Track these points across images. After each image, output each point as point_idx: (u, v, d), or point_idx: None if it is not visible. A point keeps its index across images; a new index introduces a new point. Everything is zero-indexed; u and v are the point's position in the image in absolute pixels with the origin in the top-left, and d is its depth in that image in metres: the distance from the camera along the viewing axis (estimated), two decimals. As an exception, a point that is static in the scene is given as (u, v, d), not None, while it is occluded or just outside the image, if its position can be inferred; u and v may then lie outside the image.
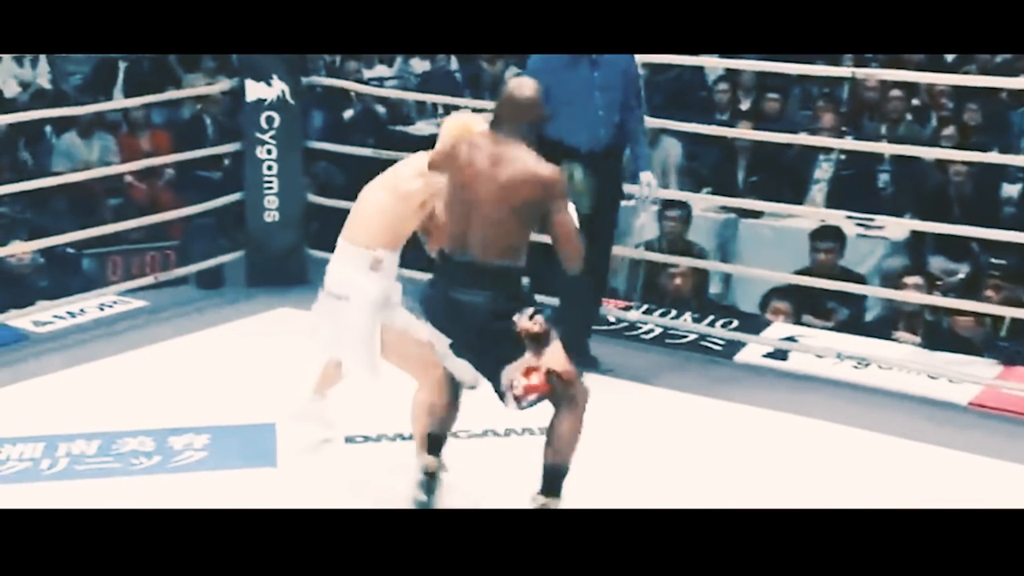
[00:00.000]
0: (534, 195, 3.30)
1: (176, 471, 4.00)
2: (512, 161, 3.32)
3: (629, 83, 4.77)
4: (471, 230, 3.33)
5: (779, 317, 5.66)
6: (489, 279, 3.33)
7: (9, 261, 5.93)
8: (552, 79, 4.62)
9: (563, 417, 3.44)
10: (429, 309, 3.47)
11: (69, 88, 9.05)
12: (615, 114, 4.73)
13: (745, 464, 4.13)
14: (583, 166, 3.74)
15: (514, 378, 3.33)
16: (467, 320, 3.36)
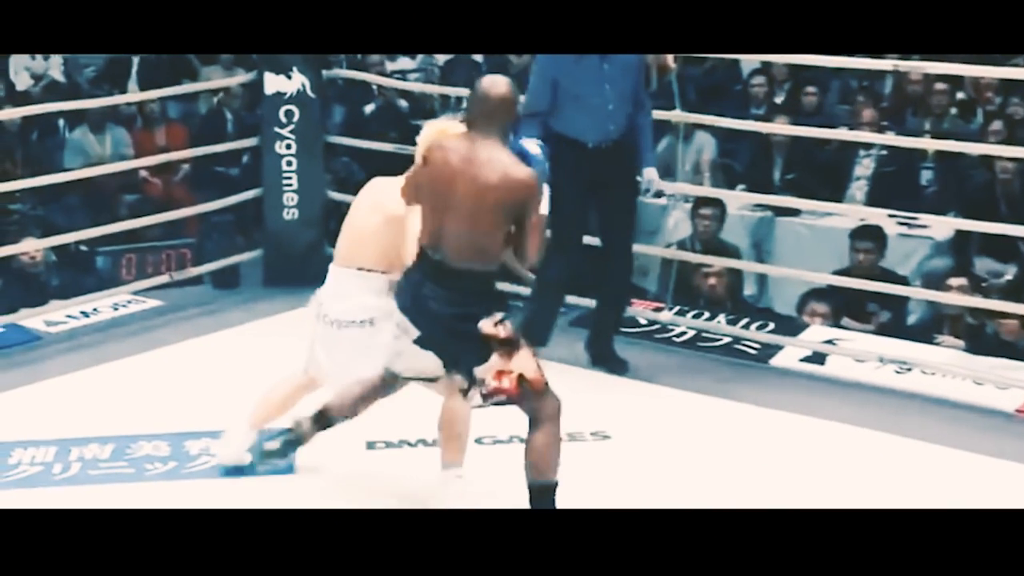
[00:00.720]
0: (509, 197, 3.37)
1: (192, 477, 4.01)
2: (487, 163, 3.37)
3: (639, 75, 4.76)
4: (445, 230, 3.40)
5: (816, 320, 5.63)
6: (457, 280, 3.40)
7: (21, 259, 5.97)
8: (560, 73, 4.64)
9: (537, 432, 3.49)
10: (402, 300, 3.53)
11: (83, 81, 9.09)
12: (625, 108, 4.73)
13: (781, 472, 4.10)
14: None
15: (485, 376, 3.42)
16: (433, 316, 3.44)
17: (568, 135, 4.70)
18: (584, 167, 4.72)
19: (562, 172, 4.67)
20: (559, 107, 4.68)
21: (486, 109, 3.44)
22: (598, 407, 4.60)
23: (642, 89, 4.81)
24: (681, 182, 6.28)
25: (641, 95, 4.80)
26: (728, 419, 4.58)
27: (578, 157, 4.70)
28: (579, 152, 4.70)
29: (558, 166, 4.64)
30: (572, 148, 4.70)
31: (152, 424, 4.34)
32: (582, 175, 4.73)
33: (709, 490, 3.91)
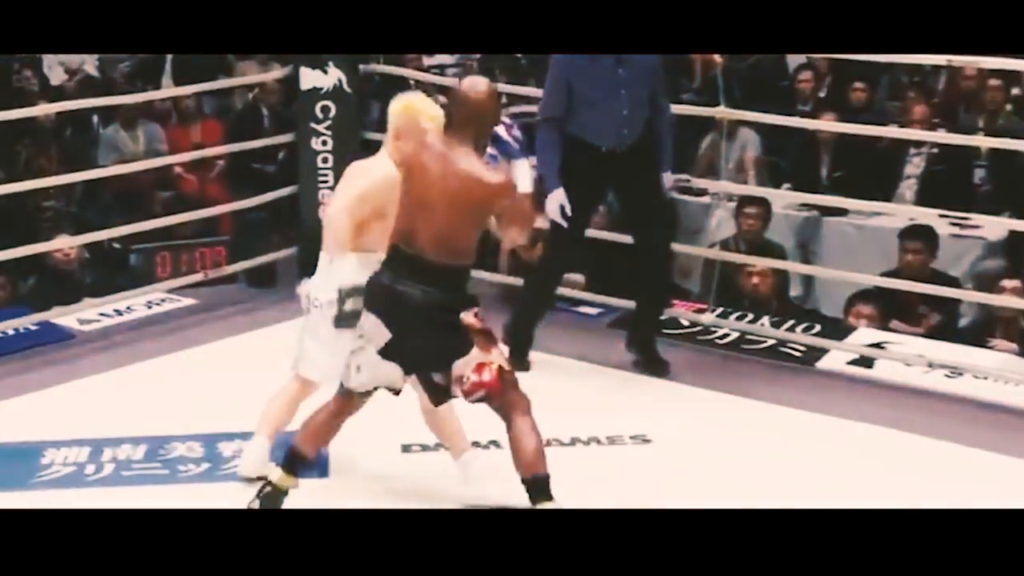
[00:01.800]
0: (483, 201, 3.48)
1: (226, 479, 4.03)
2: (462, 167, 3.46)
3: (657, 79, 4.76)
4: (421, 228, 3.48)
5: (863, 322, 5.59)
6: (436, 276, 3.48)
7: (55, 257, 6.03)
8: (575, 77, 4.66)
9: (518, 429, 3.54)
10: (372, 299, 3.57)
11: (117, 76, 9.17)
12: (641, 112, 4.73)
13: (826, 477, 4.08)
14: None
15: (464, 373, 3.49)
16: (411, 313, 3.49)
17: (582, 138, 4.73)
18: (597, 171, 4.76)
19: (573, 174, 4.73)
20: (574, 111, 4.70)
21: (465, 111, 3.52)
22: (638, 410, 4.60)
23: (660, 92, 4.81)
24: (725, 180, 6.26)
25: (659, 98, 4.81)
26: (772, 423, 4.56)
27: (591, 160, 4.73)
28: (592, 155, 4.73)
29: (570, 168, 4.71)
30: (585, 151, 4.74)
31: (186, 425, 4.37)
32: (594, 178, 4.78)
33: (751, 496, 3.88)
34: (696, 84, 8.33)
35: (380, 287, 3.55)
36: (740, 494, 3.90)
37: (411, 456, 4.19)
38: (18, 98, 7.74)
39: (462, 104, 3.53)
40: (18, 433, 4.36)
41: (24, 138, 7.49)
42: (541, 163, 4.73)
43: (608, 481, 4.04)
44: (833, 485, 4.02)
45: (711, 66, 7.81)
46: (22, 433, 4.36)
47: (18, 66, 8.60)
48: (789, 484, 4.04)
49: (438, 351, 3.53)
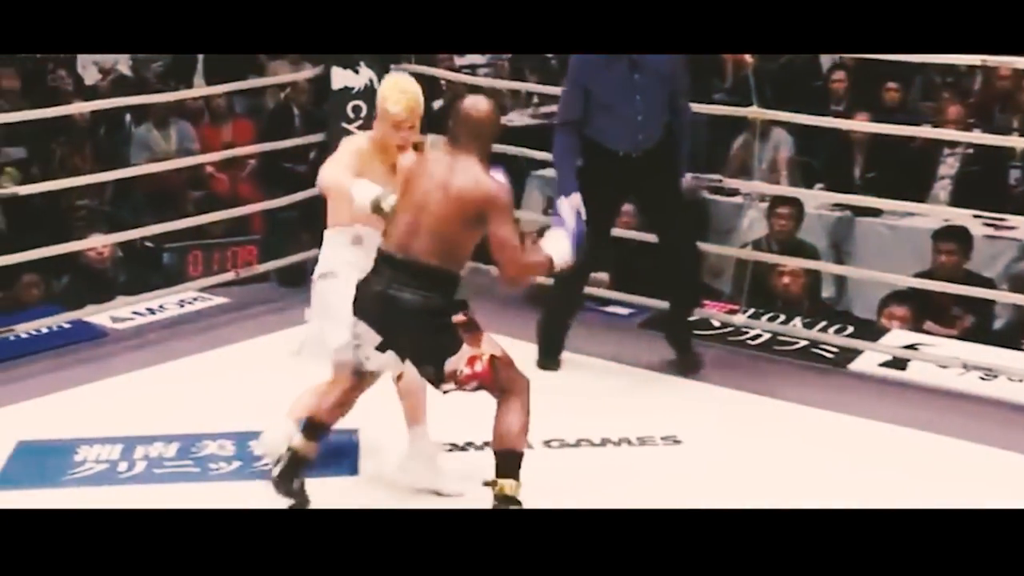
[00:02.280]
0: (478, 208, 3.56)
1: (256, 477, 4.04)
2: (463, 175, 3.57)
3: (676, 84, 4.75)
4: (419, 234, 3.57)
5: (896, 323, 5.56)
6: (434, 281, 3.57)
7: (88, 255, 6.07)
8: (591, 80, 4.67)
9: (507, 408, 3.61)
10: (363, 305, 3.63)
11: (150, 75, 9.23)
12: (657, 117, 4.72)
13: (858, 480, 4.06)
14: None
15: (458, 368, 3.57)
16: (405, 317, 3.57)
17: (599, 143, 4.74)
18: (616, 174, 4.77)
19: (593, 178, 4.74)
20: (590, 115, 4.71)
21: (467, 128, 3.64)
22: (669, 411, 4.59)
23: (680, 95, 4.80)
24: (757, 180, 6.24)
25: (678, 100, 4.79)
26: (804, 425, 4.55)
27: (608, 164, 4.74)
28: (610, 159, 4.74)
29: (588, 171, 4.73)
30: (603, 155, 4.75)
31: (217, 423, 4.39)
32: (614, 182, 4.79)
33: (782, 497, 3.87)
34: (728, 84, 8.32)
35: (371, 294, 3.62)
36: (771, 495, 3.88)
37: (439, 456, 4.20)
38: (52, 98, 7.81)
39: (463, 122, 3.65)
40: (52, 430, 4.39)
41: (59, 137, 7.56)
42: (557, 166, 4.79)
43: (639, 482, 4.03)
44: (866, 488, 4.00)
45: (743, 66, 7.80)
46: (56, 430, 4.39)
47: (52, 66, 8.67)
48: (821, 486, 4.02)
49: (430, 351, 3.61)
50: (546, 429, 4.36)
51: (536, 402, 4.60)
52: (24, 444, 4.27)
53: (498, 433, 3.61)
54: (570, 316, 5.04)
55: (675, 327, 5.06)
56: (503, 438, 3.59)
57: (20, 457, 4.19)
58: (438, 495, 3.90)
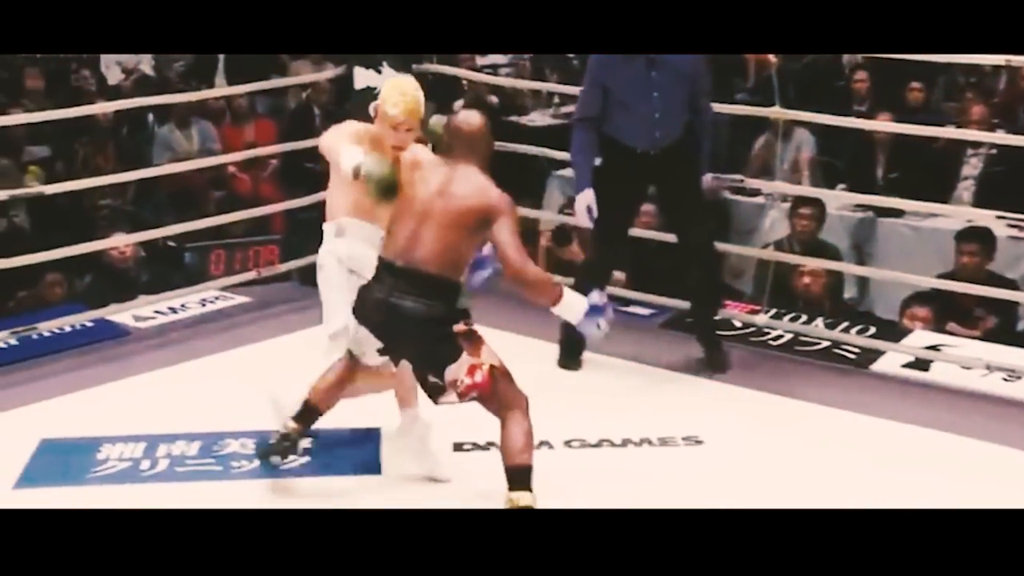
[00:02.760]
0: (481, 215, 3.62)
1: (278, 476, 4.06)
2: (463, 183, 3.65)
3: (696, 83, 4.74)
4: (420, 242, 3.63)
5: (918, 324, 5.54)
6: (436, 289, 3.63)
7: (111, 255, 6.11)
8: (609, 77, 4.68)
9: (511, 424, 3.62)
10: (364, 312, 3.71)
11: (172, 75, 9.28)
12: (676, 116, 4.72)
13: (881, 481, 4.05)
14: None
15: (458, 377, 3.60)
16: (408, 325, 3.63)
17: (617, 139, 4.75)
18: (633, 172, 4.78)
19: (612, 175, 4.76)
20: (608, 112, 4.72)
21: (460, 142, 3.73)
22: (690, 411, 4.59)
23: (701, 94, 4.80)
24: (779, 180, 6.23)
25: (699, 100, 4.79)
26: (826, 426, 4.54)
27: (627, 162, 4.75)
28: (628, 157, 4.75)
29: (607, 169, 4.75)
30: (621, 153, 4.76)
31: (239, 421, 4.40)
32: (631, 179, 4.81)
33: (804, 498, 3.86)
34: (750, 84, 8.31)
35: (373, 301, 3.67)
36: (793, 496, 3.87)
37: (463, 455, 4.21)
38: (76, 97, 7.86)
39: (456, 136, 3.74)
40: (75, 428, 4.42)
41: (82, 137, 7.61)
42: (573, 162, 4.83)
43: (660, 482, 4.03)
44: (888, 489, 3.99)
45: (765, 66, 7.79)
46: (79, 428, 4.41)
47: (76, 66, 8.73)
48: (843, 487, 4.01)
49: (430, 359, 3.66)
50: (567, 429, 4.37)
51: (557, 402, 4.64)
52: (48, 442, 4.30)
53: (506, 449, 3.62)
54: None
55: (702, 326, 5.06)
56: (511, 454, 3.61)
57: (44, 455, 4.22)
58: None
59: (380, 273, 3.70)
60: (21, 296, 6.07)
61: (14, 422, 4.51)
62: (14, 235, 6.48)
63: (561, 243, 5.93)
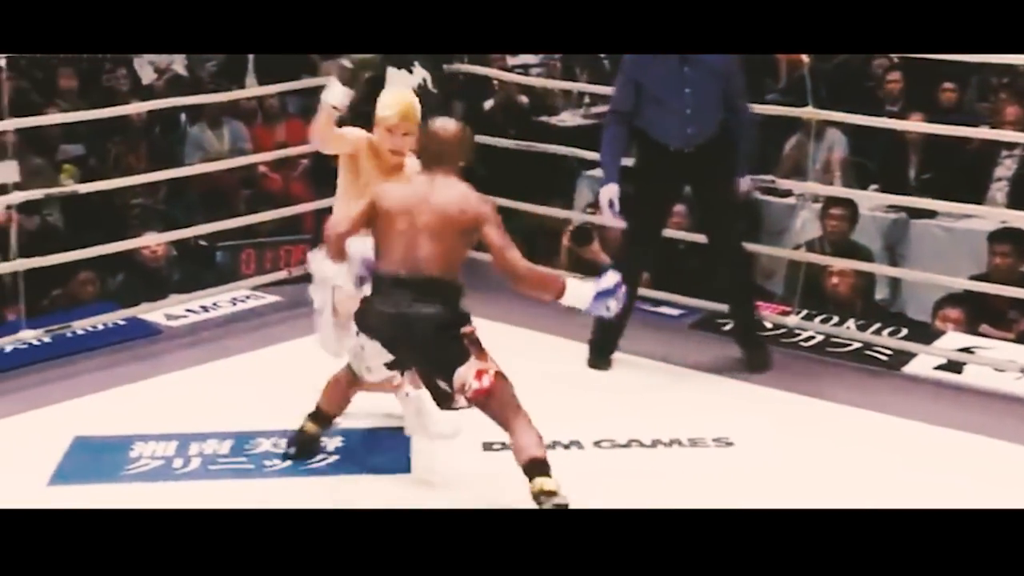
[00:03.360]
0: (471, 222, 3.74)
1: (309, 474, 4.08)
2: (448, 191, 3.77)
3: (730, 82, 4.73)
4: (419, 251, 3.73)
5: (949, 325, 5.51)
6: (443, 293, 3.73)
7: (143, 254, 6.14)
8: (642, 72, 4.69)
9: (518, 429, 3.70)
10: (376, 327, 3.78)
11: (204, 75, 9.32)
12: (709, 113, 4.71)
13: (912, 483, 4.03)
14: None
15: (466, 380, 3.68)
16: (419, 333, 3.71)
17: (649, 135, 4.77)
18: (667, 170, 4.78)
19: (643, 170, 4.77)
20: (641, 108, 4.73)
21: (439, 149, 3.83)
22: (721, 412, 4.58)
23: (737, 94, 4.78)
24: (811, 181, 6.21)
25: (735, 100, 4.78)
26: (857, 428, 4.52)
27: (660, 158, 4.76)
28: (661, 153, 4.75)
29: (641, 166, 4.76)
30: (655, 149, 4.77)
31: (270, 420, 4.42)
32: (664, 178, 4.82)
33: (835, 500, 3.85)
34: (782, 84, 8.28)
35: (387, 316, 3.74)
36: (824, 498, 3.86)
37: (492, 454, 4.21)
38: (109, 97, 7.91)
39: (432, 141, 3.84)
40: (108, 427, 4.45)
41: (114, 136, 7.65)
42: (602, 155, 4.84)
43: (691, 483, 4.03)
44: (920, 491, 3.97)
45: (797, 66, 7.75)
46: (111, 427, 4.44)
47: (110, 66, 8.79)
48: (874, 489, 4.00)
49: (442, 362, 3.73)
50: (597, 429, 4.37)
51: (587, 402, 4.66)
52: (81, 440, 4.33)
53: (519, 449, 3.68)
54: (626, 316, 5.03)
55: (743, 327, 5.05)
56: (525, 450, 3.66)
57: (77, 453, 4.25)
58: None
59: (384, 288, 3.77)
60: (54, 294, 6.12)
61: (48, 420, 4.54)
62: (47, 234, 6.52)
63: (581, 243, 5.93)
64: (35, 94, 8.33)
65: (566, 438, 4.29)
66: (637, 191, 4.86)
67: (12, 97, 5.13)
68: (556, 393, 4.69)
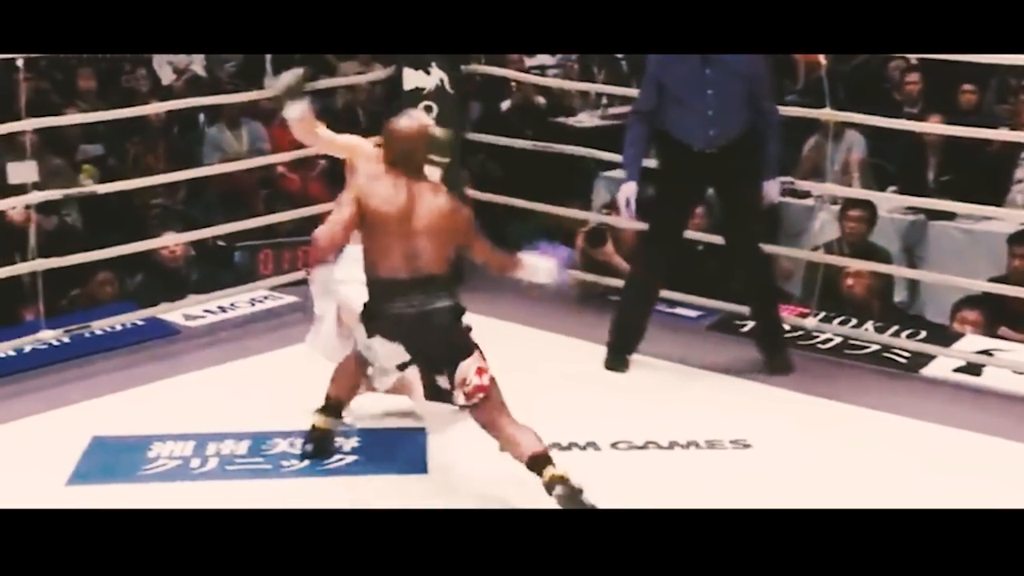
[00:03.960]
0: (453, 225, 3.92)
1: (326, 474, 4.09)
2: (429, 193, 3.90)
3: (755, 83, 4.70)
4: (416, 254, 3.83)
5: (967, 327, 5.49)
6: (447, 287, 3.87)
7: (161, 254, 6.16)
8: (665, 72, 4.71)
9: (509, 431, 3.78)
10: (392, 330, 3.83)
11: (223, 75, 9.34)
12: (732, 115, 4.69)
13: (931, 486, 4.01)
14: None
15: (467, 376, 3.77)
16: (438, 325, 3.82)
17: (672, 136, 4.77)
18: (689, 169, 4.78)
19: (666, 171, 4.77)
20: (665, 108, 4.73)
21: (408, 147, 3.93)
22: (738, 414, 4.56)
23: (763, 96, 4.76)
24: (829, 182, 6.19)
25: (762, 102, 4.75)
26: (875, 430, 4.50)
27: (683, 158, 4.76)
28: (684, 153, 4.75)
29: (664, 167, 4.76)
30: (678, 149, 4.77)
31: (287, 421, 4.42)
32: (687, 179, 4.81)
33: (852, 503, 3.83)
34: (800, 86, 8.25)
35: (403, 316, 3.81)
36: (841, 501, 3.85)
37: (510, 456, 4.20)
38: (128, 98, 7.93)
39: (398, 141, 3.93)
40: (126, 427, 4.46)
41: (133, 136, 7.67)
42: (624, 154, 4.86)
43: (708, 485, 4.01)
44: (940, 493, 3.95)
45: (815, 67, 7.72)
46: (130, 426, 4.46)
47: (130, 66, 8.81)
48: (892, 491, 3.98)
49: (451, 353, 3.81)
50: (614, 431, 4.36)
51: (604, 403, 4.65)
52: (99, 439, 4.35)
53: (519, 446, 3.73)
54: (642, 316, 5.02)
55: (761, 330, 5.03)
56: (527, 448, 3.71)
57: (95, 452, 4.26)
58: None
59: (388, 292, 3.83)
60: (73, 295, 6.13)
61: (66, 419, 4.56)
62: (66, 234, 6.54)
63: (595, 244, 5.92)
64: (55, 95, 8.37)
65: (583, 439, 4.29)
66: (659, 191, 4.85)
67: (32, 98, 5.15)
68: (573, 394, 4.69)
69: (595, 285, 5.79)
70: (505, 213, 6.54)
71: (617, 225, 5.89)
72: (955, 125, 6.25)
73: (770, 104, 4.82)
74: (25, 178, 5.13)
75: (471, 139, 6.36)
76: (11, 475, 4.10)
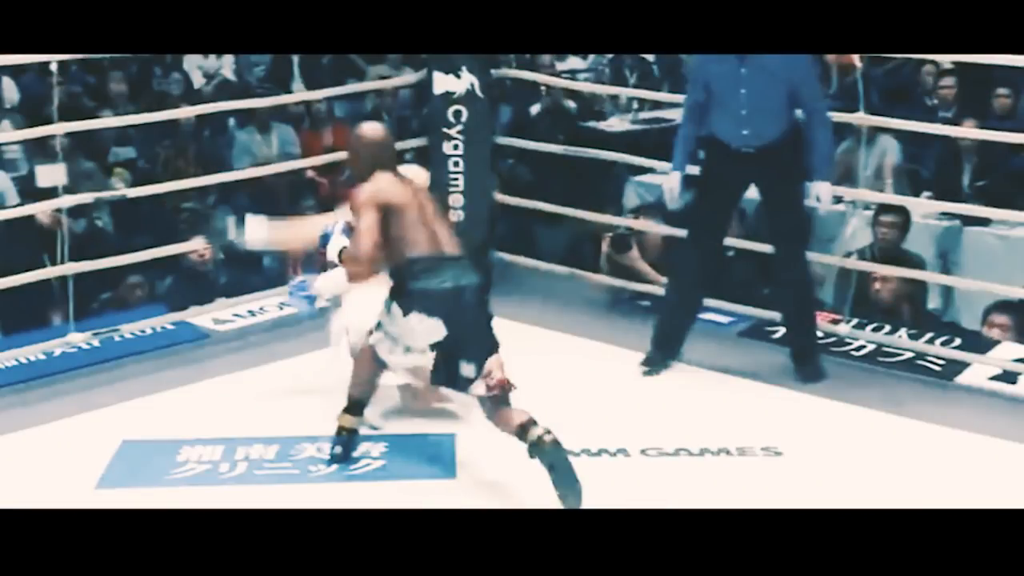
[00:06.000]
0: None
1: (354, 479, 4.10)
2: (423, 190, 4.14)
3: (799, 86, 4.67)
4: (440, 234, 4.00)
5: (995, 331, 5.45)
6: (472, 262, 4.03)
7: (191, 258, 6.19)
8: (704, 71, 4.75)
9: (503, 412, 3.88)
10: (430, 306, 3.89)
11: (253, 79, 9.39)
12: (768, 115, 4.67)
13: (966, 495, 3.98)
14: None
15: (493, 368, 3.84)
16: (466, 307, 3.91)
17: (713, 134, 4.80)
18: (731, 170, 4.78)
19: (707, 170, 4.78)
20: (709, 106, 4.76)
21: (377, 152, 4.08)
22: (769, 422, 4.55)
23: (810, 96, 4.72)
24: (862, 188, 6.16)
25: (807, 103, 4.72)
26: (909, 439, 4.47)
27: (722, 157, 4.78)
28: (723, 152, 4.77)
29: (706, 165, 4.79)
30: (716, 147, 4.80)
31: (315, 426, 4.42)
32: (728, 178, 4.82)
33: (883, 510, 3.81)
34: (832, 89, 8.23)
35: (439, 293, 3.89)
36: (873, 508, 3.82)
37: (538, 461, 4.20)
38: (159, 101, 7.98)
39: (367, 147, 4.08)
40: (155, 430, 4.49)
41: (164, 140, 7.72)
42: (673, 147, 4.92)
43: (738, 492, 4.00)
44: (973, 503, 3.92)
45: (849, 70, 7.70)
46: (159, 431, 4.48)
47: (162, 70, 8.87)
48: (925, 499, 3.95)
49: (482, 342, 3.89)
50: (644, 437, 4.36)
51: (634, 409, 4.64)
52: (129, 443, 4.37)
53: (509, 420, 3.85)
54: (684, 321, 5.00)
55: (796, 340, 5.01)
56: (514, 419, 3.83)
57: (125, 456, 4.29)
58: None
59: (419, 270, 3.90)
60: (103, 298, 6.17)
61: (96, 423, 4.59)
62: (96, 237, 6.59)
63: (620, 249, 5.92)
64: (86, 98, 8.43)
65: (613, 446, 4.29)
66: (700, 192, 4.85)
67: (64, 101, 5.19)
68: (602, 400, 4.68)
69: (622, 290, 5.79)
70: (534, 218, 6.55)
71: (642, 230, 5.88)
72: (990, 130, 6.21)
73: (819, 105, 4.77)
74: (54, 181, 5.18)
75: (501, 143, 6.37)
76: (42, 478, 4.13)
